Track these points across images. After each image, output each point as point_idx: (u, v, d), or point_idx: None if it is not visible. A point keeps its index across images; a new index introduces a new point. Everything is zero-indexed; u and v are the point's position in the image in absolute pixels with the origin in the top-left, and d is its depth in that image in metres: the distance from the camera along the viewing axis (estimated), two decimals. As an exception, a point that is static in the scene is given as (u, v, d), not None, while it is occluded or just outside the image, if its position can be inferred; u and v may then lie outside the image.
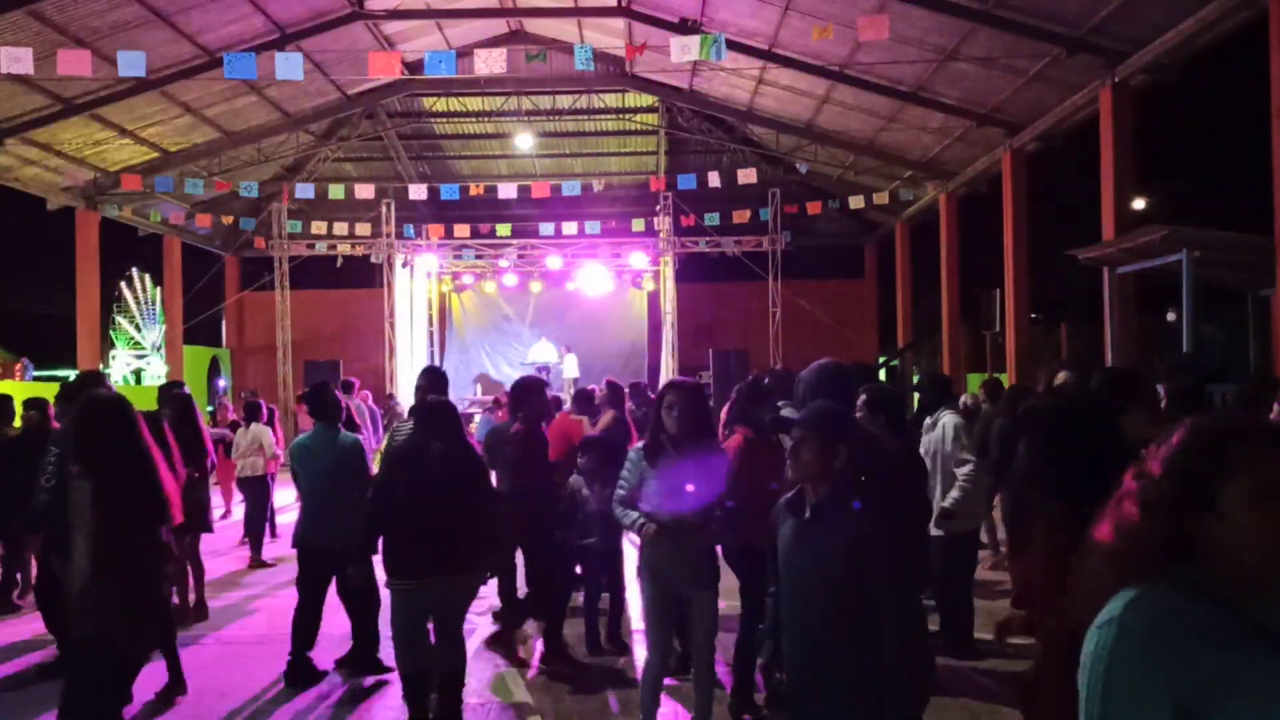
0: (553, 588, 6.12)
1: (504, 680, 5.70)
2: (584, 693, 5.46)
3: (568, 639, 6.15)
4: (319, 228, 20.34)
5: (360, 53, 15.18)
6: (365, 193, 19.45)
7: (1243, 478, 1.42)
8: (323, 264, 22.34)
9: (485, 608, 6.54)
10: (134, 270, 23.58)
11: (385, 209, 20.88)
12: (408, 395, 14.86)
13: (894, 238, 22.21)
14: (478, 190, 20.16)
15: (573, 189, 19.44)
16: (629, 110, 20.35)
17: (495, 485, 5.51)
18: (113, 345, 22.86)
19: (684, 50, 11.69)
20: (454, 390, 6.33)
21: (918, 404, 7.72)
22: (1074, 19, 11.53)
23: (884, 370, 20.74)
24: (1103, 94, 12.30)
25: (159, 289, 23.00)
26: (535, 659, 6.04)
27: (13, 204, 18.03)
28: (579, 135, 21.72)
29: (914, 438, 6.27)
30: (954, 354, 18.94)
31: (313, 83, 16.90)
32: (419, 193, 20.04)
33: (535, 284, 23.18)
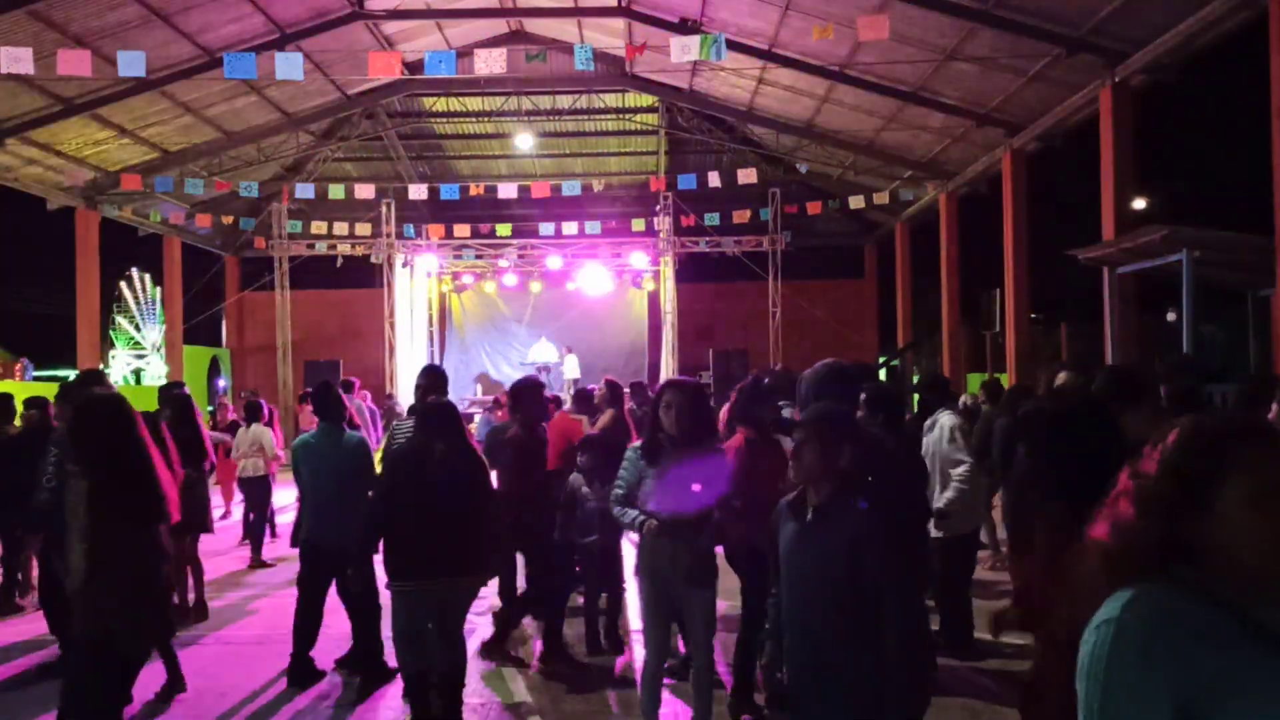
0: (552, 588, 6.12)
1: (504, 680, 5.70)
2: (584, 692, 5.46)
3: (567, 638, 6.15)
4: (319, 228, 20.36)
5: (360, 53, 15.18)
6: (365, 193, 19.46)
7: (1240, 478, 1.42)
8: (323, 264, 22.34)
9: (485, 608, 6.54)
10: (134, 270, 23.60)
11: (385, 209, 20.89)
12: (408, 395, 14.85)
13: (894, 238, 22.21)
14: (478, 190, 20.18)
15: (573, 189, 19.45)
16: (629, 110, 20.35)
17: (496, 486, 5.51)
18: (113, 345, 22.88)
19: (684, 50, 11.70)
20: (454, 390, 6.33)
21: (917, 404, 7.70)
22: (1074, 19, 11.53)
23: (884, 370, 20.74)
24: (1103, 94, 12.30)
25: (159, 289, 23.01)
26: (535, 659, 6.04)
27: (13, 204, 18.05)
28: (579, 135, 21.72)
29: (914, 438, 6.27)
30: (954, 354, 18.93)
31: (313, 83, 16.91)
32: (419, 193, 20.04)
33: (535, 284, 23.18)
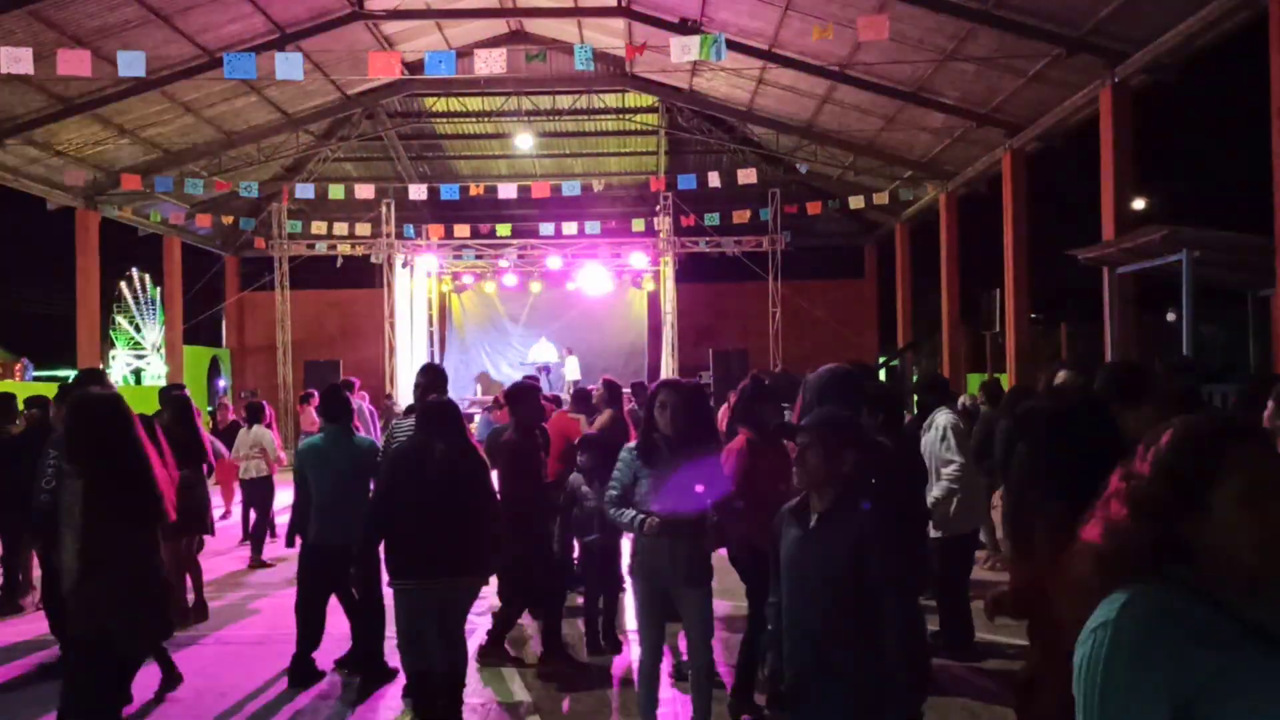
0: (551, 588, 6.12)
1: (504, 680, 5.70)
2: (583, 692, 5.46)
3: (567, 638, 6.15)
4: (319, 228, 20.36)
5: (360, 53, 15.18)
6: (365, 193, 19.46)
7: (1233, 478, 1.42)
8: (323, 264, 22.34)
9: (485, 608, 6.54)
10: (134, 270, 23.62)
11: (385, 209, 20.90)
12: (407, 395, 14.84)
13: (894, 238, 22.21)
14: (478, 190, 20.18)
15: (573, 189, 19.44)
16: (629, 110, 20.35)
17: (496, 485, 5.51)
18: (113, 345, 22.90)
19: (684, 50, 11.70)
20: (454, 390, 6.32)
21: (917, 405, 7.70)
22: (1074, 19, 11.53)
23: (884, 370, 20.74)
24: (1103, 94, 12.30)
25: (159, 289, 23.01)
26: (535, 659, 6.04)
27: (13, 204, 18.05)
28: (579, 135, 21.72)
29: (914, 439, 6.27)
30: (954, 354, 18.93)
31: (313, 83, 16.91)
32: (419, 193, 20.03)
33: (535, 284, 23.18)
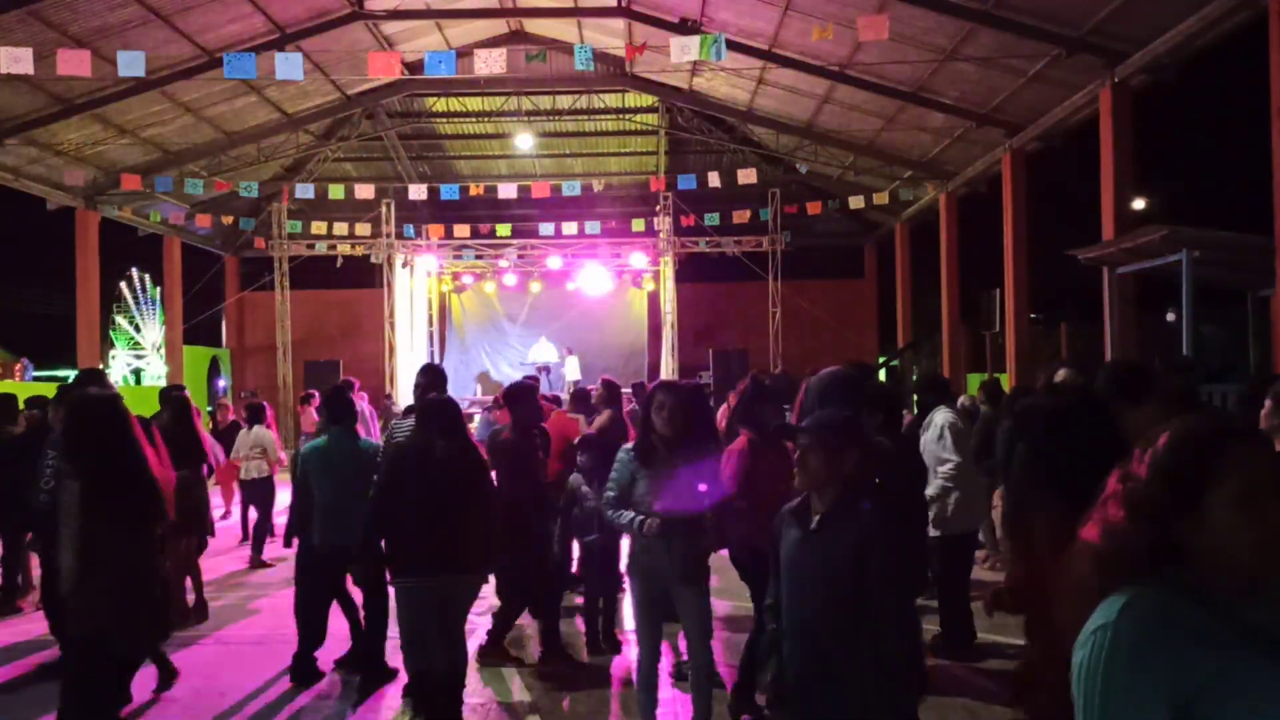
0: (549, 588, 6.12)
1: (504, 680, 5.70)
2: (583, 692, 5.46)
3: (567, 638, 6.15)
4: (319, 228, 20.36)
5: (360, 53, 15.19)
6: (365, 193, 19.46)
7: (1231, 479, 1.42)
8: (323, 264, 22.34)
9: (485, 608, 6.54)
10: (134, 270, 23.60)
11: (385, 209, 20.90)
12: (407, 395, 14.84)
13: (894, 238, 22.20)
14: (478, 190, 20.18)
15: (573, 189, 19.44)
16: (629, 110, 20.35)
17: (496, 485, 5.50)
18: (112, 345, 22.89)
19: (684, 50, 11.70)
20: (454, 390, 6.31)
21: (917, 405, 7.70)
22: (1074, 19, 11.52)
23: (884, 370, 20.73)
24: (1103, 94, 12.30)
25: (159, 289, 23.00)
26: (535, 659, 6.04)
27: (13, 204, 18.04)
28: (579, 135, 21.72)
29: (913, 438, 6.27)
30: (954, 354, 18.93)
31: (313, 83, 16.91)
32: (419, 193, 20.03)
33: (535, 284, 23.17)
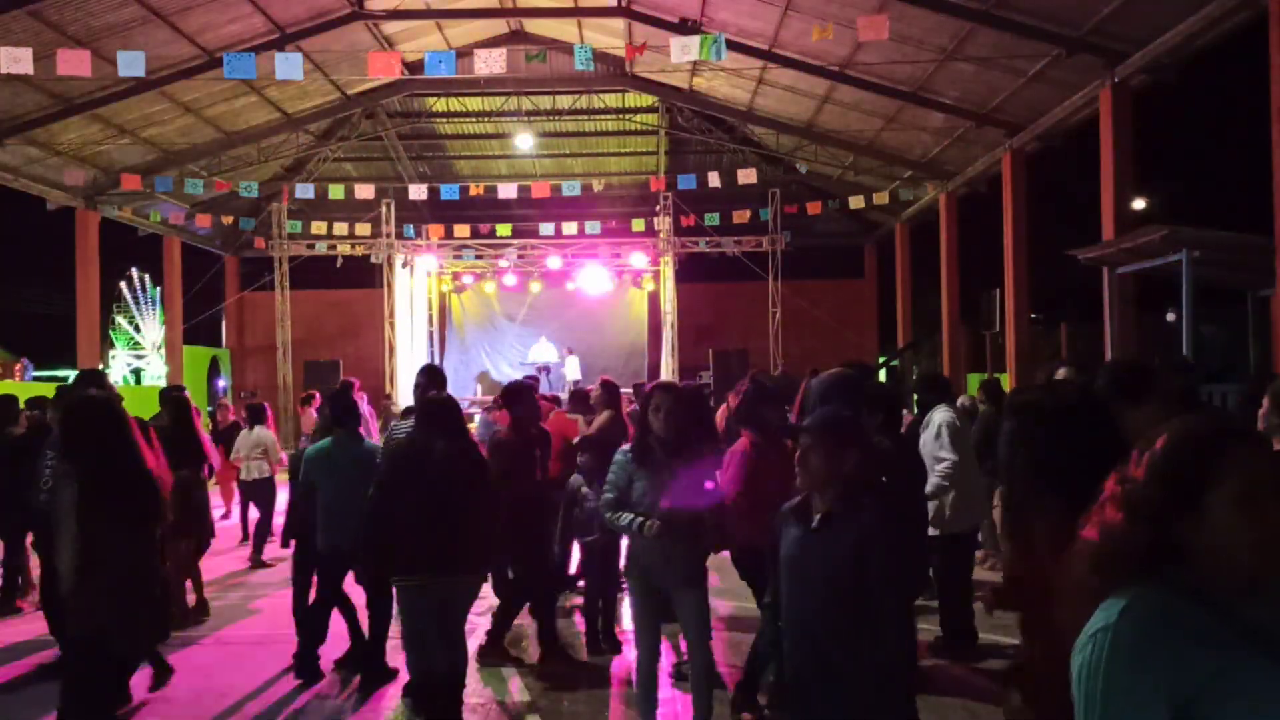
0: (545, 589, 6.13)
1: (504, 680, 5.70)
2: (583, 692, 5.46)
3: (567, 638, 6.15)
4: (319, 228, 20.36)
5: (360, 53, 15.19)
6: (365, 193, 19.46)
7: (1229, 479, 1.43)
8: (323, 264, 22.34)
9: (485, 608, 6.54)
10: (134, 270, 23.59)
11: (385, 209, 20.90)
12: (407, 395, 14.84)
13: (894, 238, 22.20)
14: (478, 190, 20.17)
15: (573, 189, 19.43)
16: (629, 110, 20.35)
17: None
18: (112, 345, 22.88)
19: (684, 50, 11.70)
20: (454, 390, 6.32)
21: (917, 404, 7.70)
22: (1074, 19, 11.52)
23: (884, 370, 20.73)
24: (1102, 94, 12.30)
25: (159, 289, 23.00)
26: (534, 659, 6.04)
27: (13, 204, 18.05)
28: (579, 135, 21.72)
29: (913, 438, 6.27)
30: (954, 354, 18.93)
31: (313, 83, 16.91)
32: (419, 193, 20.04)
33: (535, 284, 23.17)
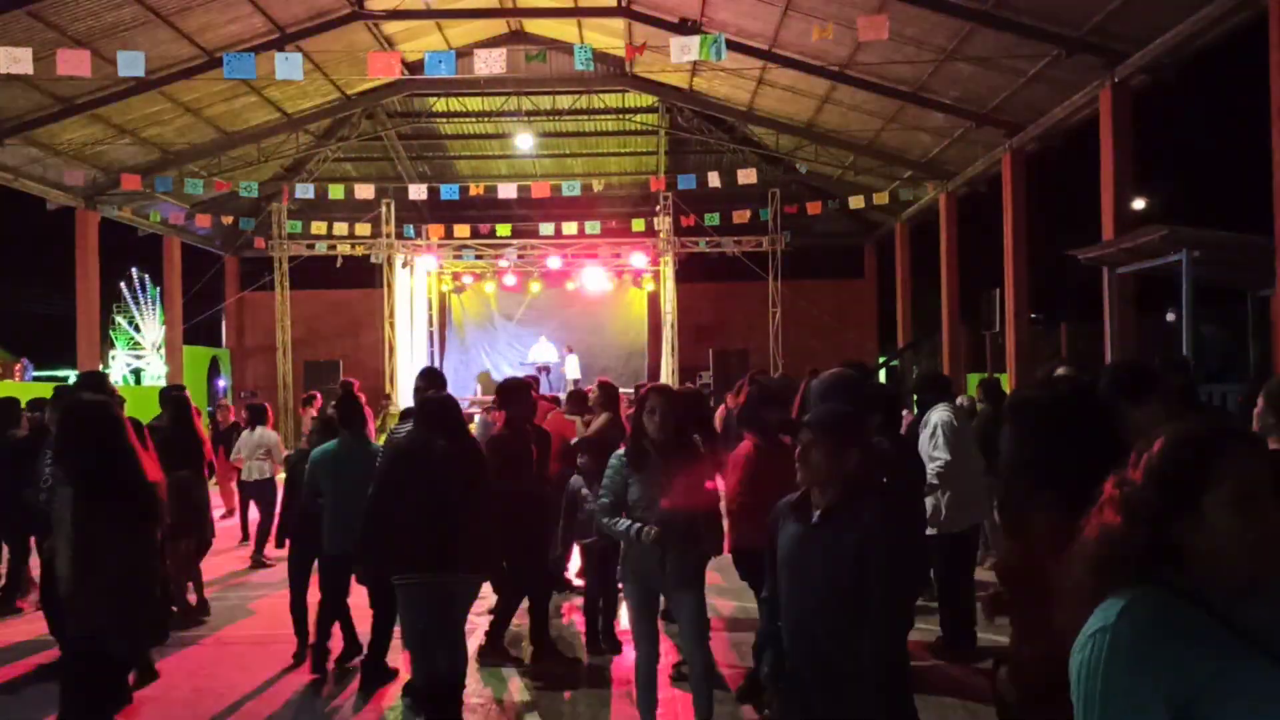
0: (542, 589, 6.14)
1: (503, 680, 5.70)
2: (583, 692, 5.47)
3: (567, 638, 6.15)
4: (319, 228, 20.35)
5: (360, 53, 15.20)
6: (365, 193, 19.45)
7: (1226, 481, 1.43)
8: (323, 264, 22.33)
9: (485, 608, 6.54)
10: (134, 270, 23.58)
11: (385, 209, 20.89)
12: (407, 395, 14.84)
13: (894, 238, 22.19)
14: (478, 190, 20.16)
15: (573, 189, 19.42)
16: (629, 110, 20.35)
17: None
18: (112, 345, 22.87)
19: (684, 50, 11.69)
20: (454, 390, 6.31)
21: (917, 404, 7.70)
22: (1074, 19, 11.52)
23: (884, 370, 20.74)
24: (1102, 94, 12.29)
25: (159, 289, 23.00)
26: (533, 659, 6.04)
27: (13, 204, 18.03)
28: (579, 135, 21.71)
29: (914, 438, 6.27)
30: (954, 354, 18.92)
31: (312, 83, 16.91)
32: (419, 193, 20.03)
33: (535, 284, 23.16)
